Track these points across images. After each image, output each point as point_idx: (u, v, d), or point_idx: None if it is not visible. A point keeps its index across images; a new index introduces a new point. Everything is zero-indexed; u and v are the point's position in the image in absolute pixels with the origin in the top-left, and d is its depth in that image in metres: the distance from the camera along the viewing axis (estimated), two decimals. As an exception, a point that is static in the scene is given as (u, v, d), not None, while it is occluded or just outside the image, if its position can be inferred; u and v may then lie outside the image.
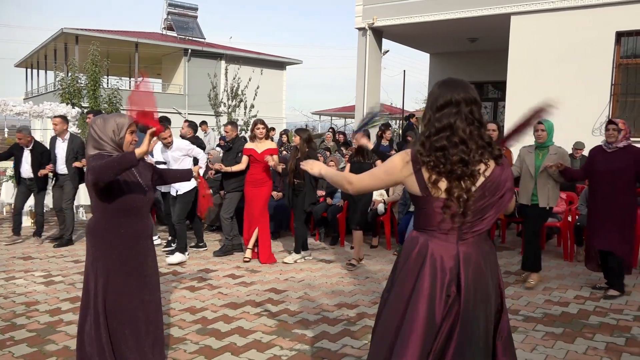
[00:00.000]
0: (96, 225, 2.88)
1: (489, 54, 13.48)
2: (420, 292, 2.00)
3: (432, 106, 2.04)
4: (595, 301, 4.83)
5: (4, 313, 4.39)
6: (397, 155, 2.11)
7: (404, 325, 2.01)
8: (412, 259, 2.06)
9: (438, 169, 1.98)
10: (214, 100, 15.78)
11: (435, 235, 2.04)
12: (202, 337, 3.91)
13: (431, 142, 2.00)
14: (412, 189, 2.06)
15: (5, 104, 10.10)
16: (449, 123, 1.99)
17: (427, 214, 2.04)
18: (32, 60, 33.22)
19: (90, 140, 2.95)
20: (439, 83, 2.09)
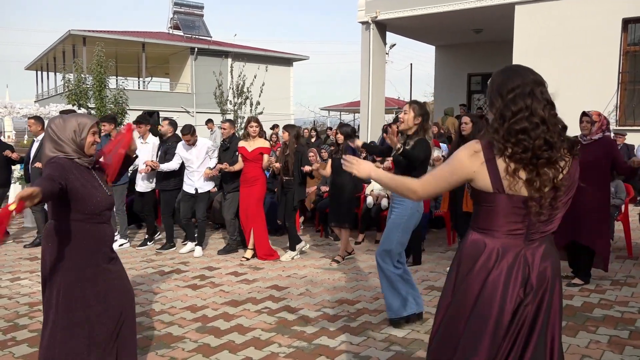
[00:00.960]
0: (58, 232, 2.68)
1: (494, 44, 13.36)
2: (489, 298, 1.86)
3: (501, 91, 1.87)
4: (600, 294, 4.76)
5: (7, 314, 4.43)
6: (462, 150, 1.91)
7: (471, 332, 1.88)
8: (478, 266, 1.89)
9: (519, 156, 1.79)
10: (219, 98, 15.81)
11: (500, 236, 1.88)
12: (201, 336, 3.92)
13: (509, 126, 1.81)
14: (480, 183, 1.87)
15: (12, 107, 10.20)
16: (525, 104, 1.82)
17: (494, 212, 1.87)
18: (42, 63, 33.56)
19: (48, 142, 2.75)
20: (501, 70, 1.95)
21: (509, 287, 1.85)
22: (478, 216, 1.94)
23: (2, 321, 4.25)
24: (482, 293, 1.87)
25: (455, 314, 1.95)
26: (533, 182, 1.80)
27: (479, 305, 1.88)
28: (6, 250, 6.90)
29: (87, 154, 2.79)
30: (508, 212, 1.85)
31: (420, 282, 5.25)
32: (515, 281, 1.85)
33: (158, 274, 5.66)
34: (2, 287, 5.22)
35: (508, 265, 1.86)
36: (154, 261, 6.27)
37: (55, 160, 2.66)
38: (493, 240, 1.89)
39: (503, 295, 1.85)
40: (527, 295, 1.86)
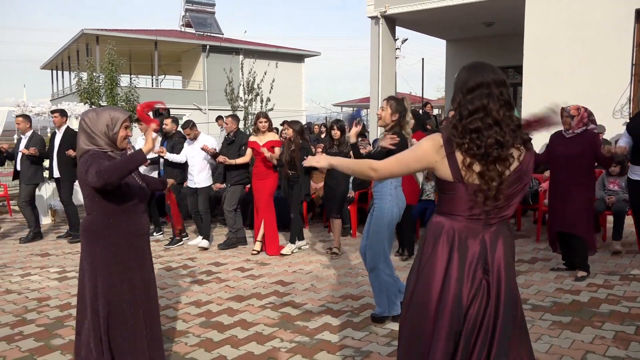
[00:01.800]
0: (94, 225, 2.76)
1: (505, 38, 13.20)
2: (450, 276, 2.00)
3: (462, 89, 2.00)
4: (608, 289, 4.70)
5: (16, 309, 4.50)
6: (427, 141, 2.06)
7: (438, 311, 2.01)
8: (440, 244, 2.04)
9: (473, 152, 1.95)
10: (230, 95, 15.85)
11: (462, 220, 2.02)
12: (205, 330, 3.94)
13: (464, 125, 1.96)
14: (442, 173, 2.03)
15: (24, 105, 10.31)
16: (481, 104, 1.96)
17: (455, 198, 2.02)
18: (57, 62, 33.94)
19: (82, 134, 2.79)
20: (466, 67, 2.07)
21: (464, 267, 2.00)
22: (442, 202, 2.11)
23: (10, 316, 4.32)
24: (446, 272, 2.01)
25: (422, 293, 2.07)
26: (483, 175, 1.96)
27: (443, 284, 2.01)
28: (18, 247, 7.01)
29: (119, 148, 2.84)
30: (467, 199, 2.00)
31: (426, 278, 5.22)
32: (475, 260, 2.00)
33: (165, 270, 5.71)
34: (12, 282, 5.31)
35: (469, 245, 2.01)
36: (162, 257, 6.32)
37: (93, 153, 2.70)
38: (454, 222, 2.04)
39: (462, 274, 1.99)
40: (485, 274, 2.00)
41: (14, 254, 6.58)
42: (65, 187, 7.28)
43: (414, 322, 2.09)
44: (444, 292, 2.00)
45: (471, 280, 2.00)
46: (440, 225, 2.06)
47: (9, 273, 5.67)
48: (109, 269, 2.75)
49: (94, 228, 2.77)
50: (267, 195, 6.32)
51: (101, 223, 2.75)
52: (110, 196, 2.72)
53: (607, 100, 9.24)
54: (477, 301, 1.99)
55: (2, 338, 3.85)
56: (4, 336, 3.88)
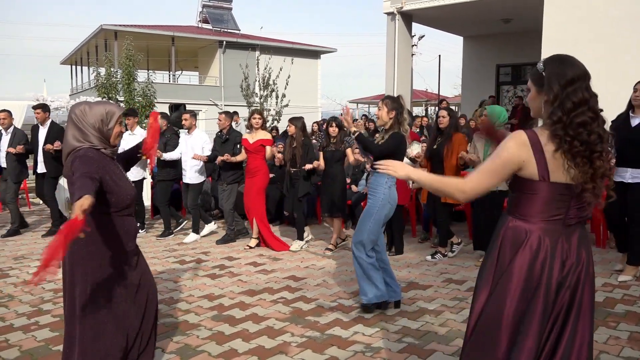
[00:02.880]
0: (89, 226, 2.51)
1: (523, 35, 13.05)
2: (535, 282, 1.92)
3: (560, 81, 1.88)
4: (624, 289, 4.63)
5: (32, 299, 4.58)
6: (510, 141, 1.93)
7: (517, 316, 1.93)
8: (522, 250, 1.94)
9: (577, 149, 1.84)
10: (246, 91, 15.91)
11: (541, 222, 1.93)
12: (216, 324, 3.97)
13: (571, 118, 1.85)
14: (528, 172, 1.92)
15: (43, 100, 10.49)
16: (584, 97, 1.86)
17: (537, 199, 1.93)
18: (76, 57, 34.34)
19: (72, 129, 2.55)
20: (555, 59, 1.96)
21: (552, 270, 1.91)
22: (518, 203, 1.99)
23: (27, 306, 4.40)
24: (527, 277, 1.92)
25: (499, 301, 1.96)
26: (586, 173, 1.86)
27: (524, 290, 1.92)
28: (36, 239, 7.14)
29: (112, 145, 2.66)
30: (550, 199, 1.91)
31: (439, 275, 5.20)
32: (556, 265, 1.92)
33: (179, 263, 5.76)
34: (29, 273, 5.41)
35: (549, 249, 1.92)
36: (176, 251, 6.38)
37: (83, 153, 2.49)
38: (533, 226, 1.94)
39: (548, 279, 1.91)
40: (565, 278, 1.93)
41: (32, 246, 6.70)
42: (49, 183, 7.31)
43: (486, 332, 1.99)
44: (530, 305, 1.92)
45: (555, 284, 1.92)
46: (519, 230, 1.96)
47: (26, 264, 5.77)
48: (97, 272, 2.55)
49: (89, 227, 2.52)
50: (254, 192, 6.39)
51: (92, 223, 2.49)
52: (104, 195, 2.54)
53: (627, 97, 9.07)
54: (561, 308, 1.94)
55: (18, 328, 3.92)
56: (21, 326, 3.96)
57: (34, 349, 3.55)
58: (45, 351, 3.51)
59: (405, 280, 5.03)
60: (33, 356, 3.43)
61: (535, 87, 1.98)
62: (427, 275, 5.23)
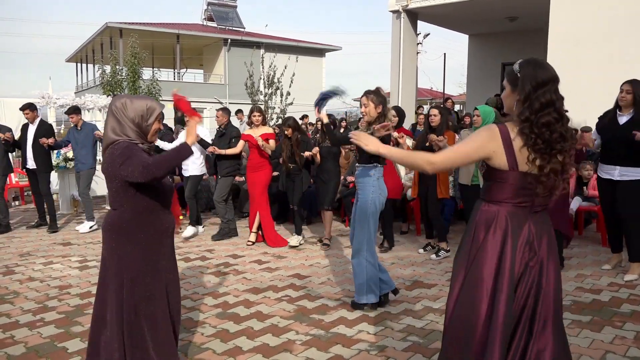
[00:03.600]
0: (123, 221, 2.54)
1: (529, 33, 12.97)
2: (505, 259, 2.11)
3: (532, 83, 2.08)
4: (630, 289, 4.60)
5: (38, 296, 4.60)
6: (484, 132, 2.16)
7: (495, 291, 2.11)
8: (492, 229, 2.15)
9: (538, 145, 2.05)
10: (250, 89, 15.91)
11: (510, 207, 2.14)
12: (221, 321, 3.98)
13: (537, 118, 2.05)
14: (497, 162, 2.13)
15: (49, 97, 10.50)
16: (551, 99, 2.06)
17: (506, 186, 2.14)
18: (82, 55, 34.44)
19: (111, 121, 2.52)
20: (529, 62, 2.14)
21: (516, 249, 2.12)
22: (490, 190, 2.21)
23: (32, 302, 4.42)
24: (501, 255, 2.12)
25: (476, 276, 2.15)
26: (543, 168, 2.08)
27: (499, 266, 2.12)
28: (41, 235, 7.16)
29: (149, 141, 2.63)
30: (518, 187, 2.13)
31: (444, 274, 5.19)
32: (523, 245, 2.13)
33: (183, 261, 5.77)
34: (35, 270, 5.42)
35: (517, 231, 2.13)
36: (181, 248, 6.39)
37: (123, 145, 2.46)
38: (504, 209, 2.15)
39: (512, 257, 2.11)
40: (531, 259, 2.13)
41: (37, 243, 6.72)
42: (43, 178, 7.40)
43: (468, 302, 2.17)
44: (500, 274, 2.11)
45: (521, 263, 2.12)
46: (492, 211, 2.17)
47: (32, 261, 5.80)
48: (140, 270, 2.55)
49: (124, 224, 2.54)
50: (261, 187, 6.49)
51: (132, 219, 2.53)
52: (146, 191, 2.53)
53: (634, 97, 9.00)
54: (523, 283, 2.13)
55: (24, 324, 3.94)
56: (26, 322, 3.97)
57: (39, 345, 3.56)
58: (50, 348, 3.51)
59: (410, 279, 5.02)
60: (39, 353, 3.44)
61: (510, 86, 2.18)
62: (431, 273, 5.22)
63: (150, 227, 2.57)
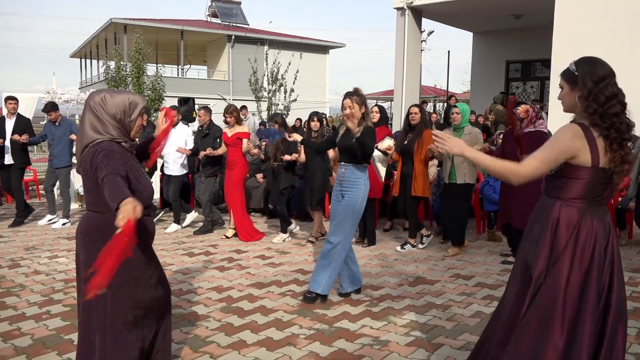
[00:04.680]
0: (105, 224, 2.30)
1: (534, 31, 12.96)
2: (592, 273, 2.14)
3: (592, 78, 2.14)
4: (633, 286, 4.62)
5: (44, 289, 4.64)
6: (567, 133, 2.15)
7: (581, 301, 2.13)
8: (576, 231, 2.16)
9: (612, 136, 2.11)
10: (254, 85, 15.93)
11: (587, 204, 2.18)
12: (225, 315, 4.01)
13: (605, 110, 2.11)
14: (581, 160, 2.14)
15: (54, 92, 10.55)
16: (614, 92, 2.13)
17: (585, 183, 2.16)
18: (86, 51, 34.51)
19: (90, 118, 2.32)
20: (585, 60, 2.21)
21: (601, 250, 2.17)
22: (568, 188, 2.20)
23: (39, 295, 4.46)
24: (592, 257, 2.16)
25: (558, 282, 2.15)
26: (616, 158, 2.13)
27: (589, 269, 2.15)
28: (46, 230, 7.21)
29: (132, 138, 2.46)
30: (595, 183, 2.17)
31: (446, 270, 5.21)
32: (603, 241, 2.19)
33: (187, 256, 5.81)
34: (40, 263, 5.47)
35: (597, 231, 2.18)
36: (185, 243, 6.42)
37: (107, 147, 2.29)
38: (583, 207, 2.18)
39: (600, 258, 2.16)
40: (606, 251, 2.19)
41: (43, 237, 6.77)
42: (17, 174, 7.47)
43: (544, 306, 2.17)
44: (590, 275, 2.13)
45: (604, 261, 2.17)
46: (575, 213, 2.18)
47: (37, 255, 5.84)
48: (127, 276, 2.36)
49: (100, 226, 2.33)
50: (232, 184, 6.58)
51: (109, 221, 2.24)
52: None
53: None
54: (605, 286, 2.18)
55: (30, 316, 3.97)
56: (32, 315, 4.01)
57: (45, 337, 3.60)
58: (57, 339, 3.55)
59: (413, 275, 5.04)
60: (45, 344, 3.48)
61: (569, 85, 2.23)
62: (434, 270, 5.24)
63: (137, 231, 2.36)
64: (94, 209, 2.41)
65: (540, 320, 2.16)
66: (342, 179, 4.26)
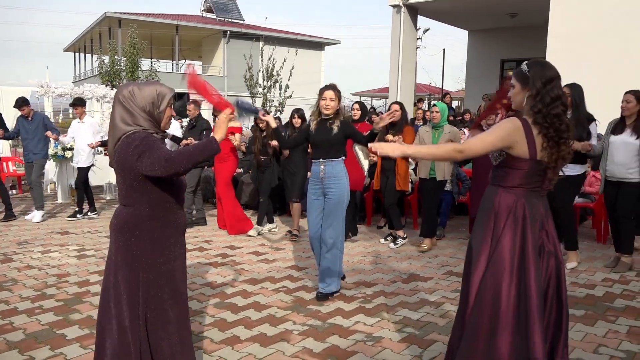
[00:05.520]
0: (137, 218, 2.32)
1: (529, 29, 13.00)
2: (527, 246, 2.31)
3: (541, 79, 2.31)
4: (623, 284, 4.66)
5: (36, 284, 4.62)
6: (508, 123, 2.34)
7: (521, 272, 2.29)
8: (514, 213, 2.34)
9: (550, 135, 2.29)
10: (249, 81, 15.90)
11: (525, 192, 2.37)
12: (219, 311, 4.01)
13: (548, 110, 2.29)
14: (518, 152, 2.32)
15: (47, 86, 10.47)
16: (558, 94, 2.31)
17: (524, 173, 2.35)
18: (80, 45, 34.31)
19: (120, 111, 2.33)
20: (536, 62, 2.39)
21: (535, 236, 2.34)
22: (506, 177, 2.39)
23: (31, 290, 4.44)
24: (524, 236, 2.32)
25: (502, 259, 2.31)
26: (552, 155, 2.31)
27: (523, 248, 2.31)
28: (39, 225, 7.17)
29: (163, 129, 2.44)
30: (533, 174, 2.35)
31: (439, 268, 5.23)
32: (539, 224, 2.37)
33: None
34: (33, 258, 5.44)
35: (534, 212, 2.36)
36: (179, 239, 6.41)
37: (142, 135, 2.28)
38: (521, 194, 2.37)
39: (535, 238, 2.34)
40: (547, 240, 2.37)
41: (35, 231, 6.74)
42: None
43: (494, 287, 2.31)
44: (525, 256, 2.30)
45: (539, 242, 2.35)
46: (511, 197, 2.37)
47: (30, 249, 5.81)
48: (159, 271, 2.35)
49: (140, 222, 2.32)
50: (225, 177, 6.66)
51: (148, 216, 2.32)
52: (164, 186, 2.34)
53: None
54: (544, 265, 2.34)
55: (22, 311, 3.96)
56: (25, 309, 3.99)
57: (38, 332, 3.58)
58: (49, 334, 3.54)
59: (407, 272, 5.06)
60: (37, 339, 3.46)
61: (520, 84, 2.39)
62: (428, 267, 5.26)
63: (167, 225, 2.38)
64: (126, 203, 2.37)
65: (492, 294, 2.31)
66: (322, 176, 4.25)
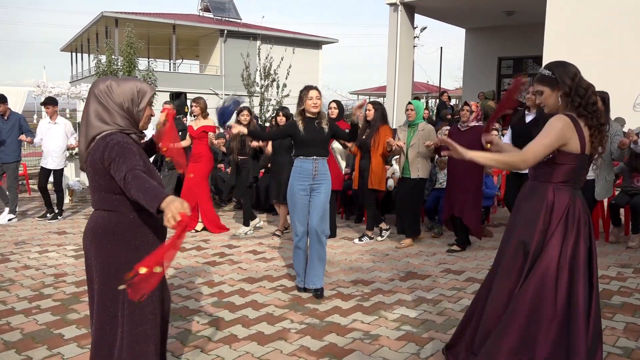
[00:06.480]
0: (119, 225, 2.20)
1: (526, 27, 13.03)
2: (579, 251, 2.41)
3: (569, 75, 2.41)
4: (621, 281, 4.67)
5: (33, 283, 4.61)
6: (559, 122, 2.39)
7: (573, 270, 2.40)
8: (572, 216, 2.42)
9: (594, 124, 2.38)
10: (247, 80, 15.88)
11: (572, 187, 2.45)
12: (217, 310, 4.01)
13: (586, 100, 2.37)
14: (571, 147, 2.39)
15: (44, 86, 10.46)
16: (587, 84, 2.41)
17: (575, 168, 2.42)
18: (77, 44, 34.19)
19: (96, 108, 2.15)
20: (556, 65, 2.48)
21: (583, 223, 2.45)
22: (554, 173, 2.45)
23: (28, 290, 4.44)
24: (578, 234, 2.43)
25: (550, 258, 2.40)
26: (594, 144, 2.41)
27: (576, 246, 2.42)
28: (36, 224, 7.16)
29: (141, 129, 2.29)
30: (580, 168, 2.44)
31: (437, 265, 5.24)
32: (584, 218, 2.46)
33: (179, 251, 5.78)
34: (30, 258, 5.43)
35: (581, 208, 2.46)
36: (176, 238, 6.40)
37: (118, 140, 2.11)
38: (570, 190, 2.45)
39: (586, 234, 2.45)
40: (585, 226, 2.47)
41: (33, 231, 6.73)
42: None
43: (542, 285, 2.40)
44: (577, 257, 2.40)
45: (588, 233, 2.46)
46: (567, 196, 2.44)
47: (27, 249, 5.80)
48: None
49: (118, 228, 2.20)
50: (199, 177, 6.62)
51: (127, 222, 2.20)
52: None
53: (629, 92, 9.08)
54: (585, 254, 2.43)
55: (20, 311, 3.95)
56: (22, 309, 3.99)
57: (35, 332, 3.58)
58: (46, 334, 3.54)
59: (404, 270, 5.06)
60: (35, 339, 3.46)
61: (549, 87, 2.46)
62: (425, 265, 5.27)
63: (148, 232, 2.25)
64: (103, 207, 2.23)
65: (537, 287, 2.39)
66: (315, 173, 4.35)
